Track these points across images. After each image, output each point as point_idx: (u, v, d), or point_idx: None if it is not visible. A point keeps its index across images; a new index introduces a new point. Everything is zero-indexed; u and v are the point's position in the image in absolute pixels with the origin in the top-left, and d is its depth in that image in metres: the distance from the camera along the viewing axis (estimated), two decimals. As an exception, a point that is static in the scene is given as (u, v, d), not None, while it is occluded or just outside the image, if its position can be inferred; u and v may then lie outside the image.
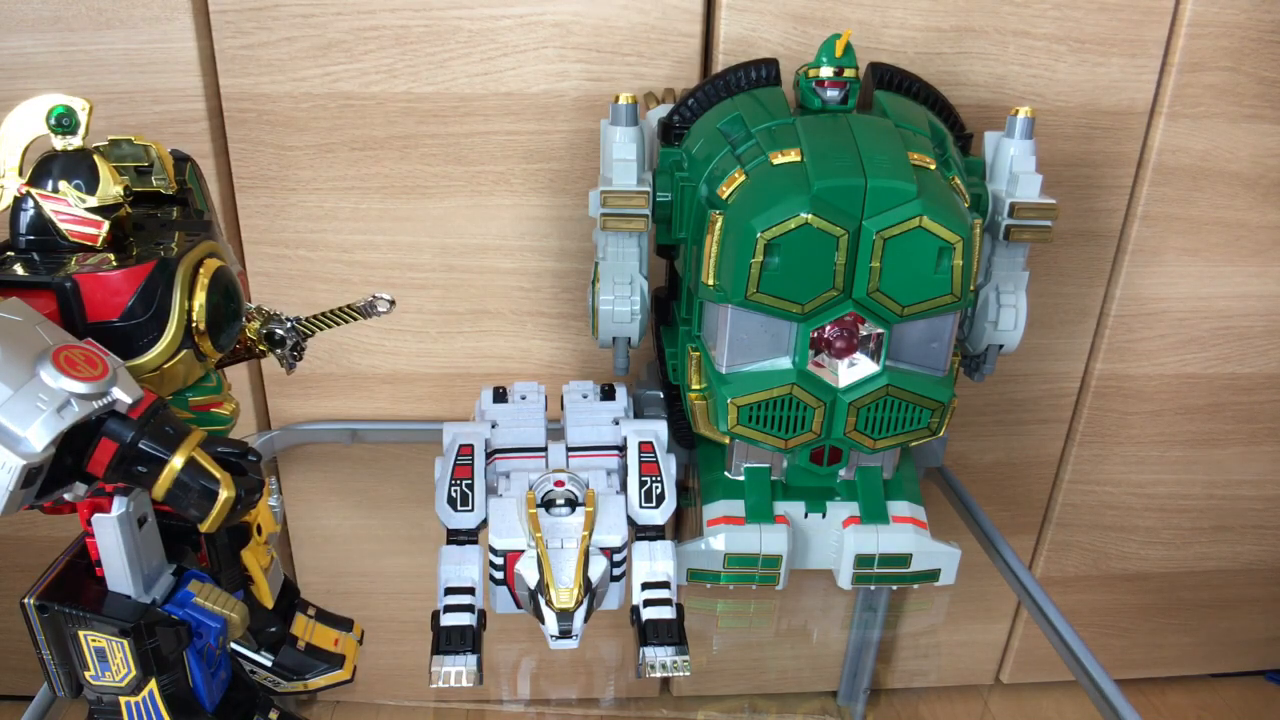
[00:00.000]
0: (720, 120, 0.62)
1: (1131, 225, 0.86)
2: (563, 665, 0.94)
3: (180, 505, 0.41)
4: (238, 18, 0.74)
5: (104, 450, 0.39)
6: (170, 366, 0.43)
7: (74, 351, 0.38)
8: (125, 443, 0.39)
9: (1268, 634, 1.12)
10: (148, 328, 0.42)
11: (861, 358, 0.58)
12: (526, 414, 0.65)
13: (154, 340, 0.42)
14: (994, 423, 0.95)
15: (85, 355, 0.38)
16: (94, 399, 0.38)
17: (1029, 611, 0.71)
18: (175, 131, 0.76)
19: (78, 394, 0.37)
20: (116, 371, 0.39)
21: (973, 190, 0.64)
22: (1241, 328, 0.92)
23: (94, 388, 0.38)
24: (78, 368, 0.37)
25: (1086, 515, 1.01)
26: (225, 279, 0.45)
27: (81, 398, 0.38)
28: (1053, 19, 0.78)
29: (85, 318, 0.41)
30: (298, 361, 0.55)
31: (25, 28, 0.73)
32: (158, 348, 0.42)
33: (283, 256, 0.83)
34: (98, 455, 0.39)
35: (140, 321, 0.41)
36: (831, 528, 0.66)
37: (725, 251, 0.57)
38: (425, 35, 0.76)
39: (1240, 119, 0.83)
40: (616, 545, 0.57)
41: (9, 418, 0.36)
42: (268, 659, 0.56)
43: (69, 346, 0.38)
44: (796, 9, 0.76)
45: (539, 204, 0.82)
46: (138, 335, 0.42)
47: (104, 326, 0.41)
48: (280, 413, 0.90)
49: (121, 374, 0.40)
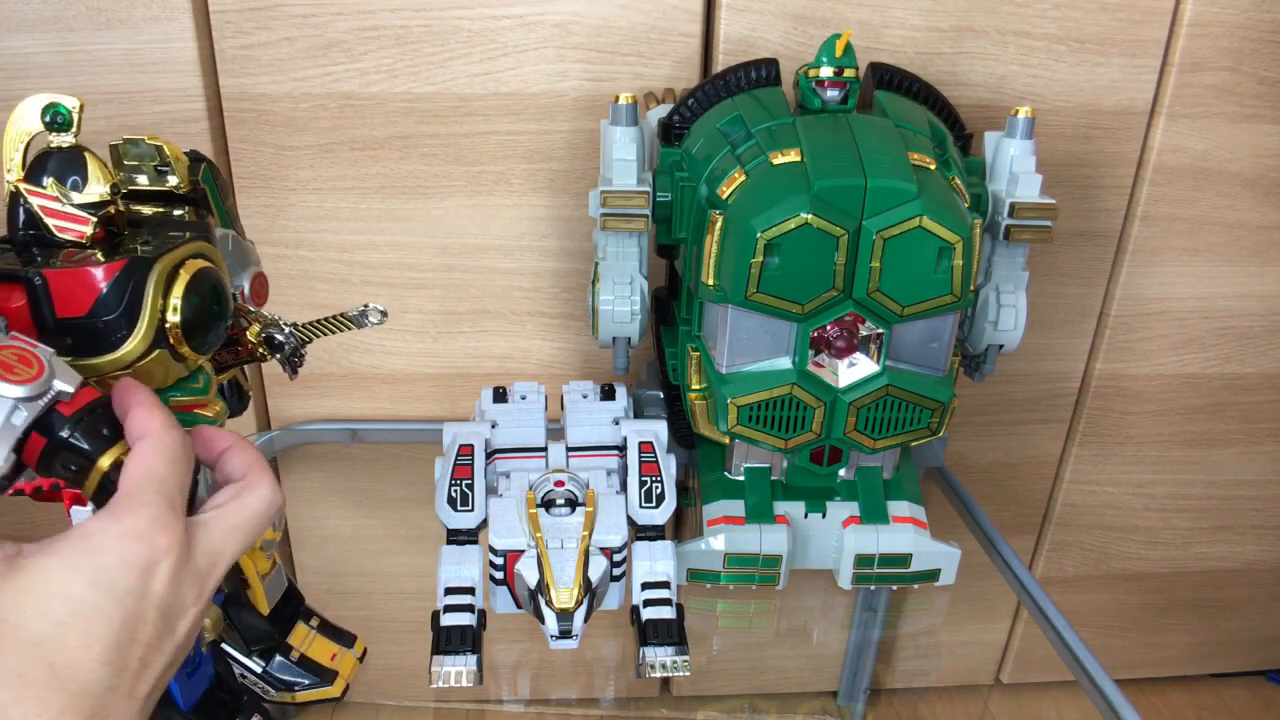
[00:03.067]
0: (720, 120, 0.62)
1: (1131, 225, 0.86)
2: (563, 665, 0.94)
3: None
4: (238, 18, 0.74)
5: (34, 443, 0.38)
6: (144, 365, 0.43)
7: (3, 353, 0.37)
8: (53, 438, 0.38)
9: (1268, 634, 1.12)
10: (117, 324, 0.41)
11: (861, 358, 0.58)
12: (526, 414, 0.65)
13: (125, 338, 0.42)
14: (994, 423, 0.95)
15: (17, 354, 0.37)
16: (39, 398, 0.37)
17: (1029, 611, 0.71)
18: (175, 131, 0.76)
19: (20, 398, 0.36)
20: (51, 363, 0.38)
21: (973, 190, 0.64)
22: (1241, 328, 0.92)
23: (35, 388, 0.36)
24: (13, 370, 0.36)
25: (1086, 515, 1.01)
26: (210, 281, 0.45)
27: (26, 400, 0.36)
28: (1053, 19, 0.78)
29: (55, 312, 0.40)
30: (299, 366, 0.55)
31: (25, 28, 0.73)
32: (128, 345, 0.42)
33: (283, 256, 0.83)
34: (29, 446, 0.38)
35: (109, 318, 0.41)
36: (831, 528, 0.66)
37: (725, 251, 0.57)
38: (425, 35, 0.76)
39: (1240, 119, 0.82)
40: (616, 545, 0.57)
41: None
42: (258, 665, 0.55)
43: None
44: (796, 9, 0.76)
45: (539, 204, 0.82)
46: (106, 332, 0.41)
47: (73, 322, 0.41)
48: (280, 413, 0.90)
49: (57, 364, 0.38)
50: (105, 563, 0.34)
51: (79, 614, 0.33)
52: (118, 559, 0.34)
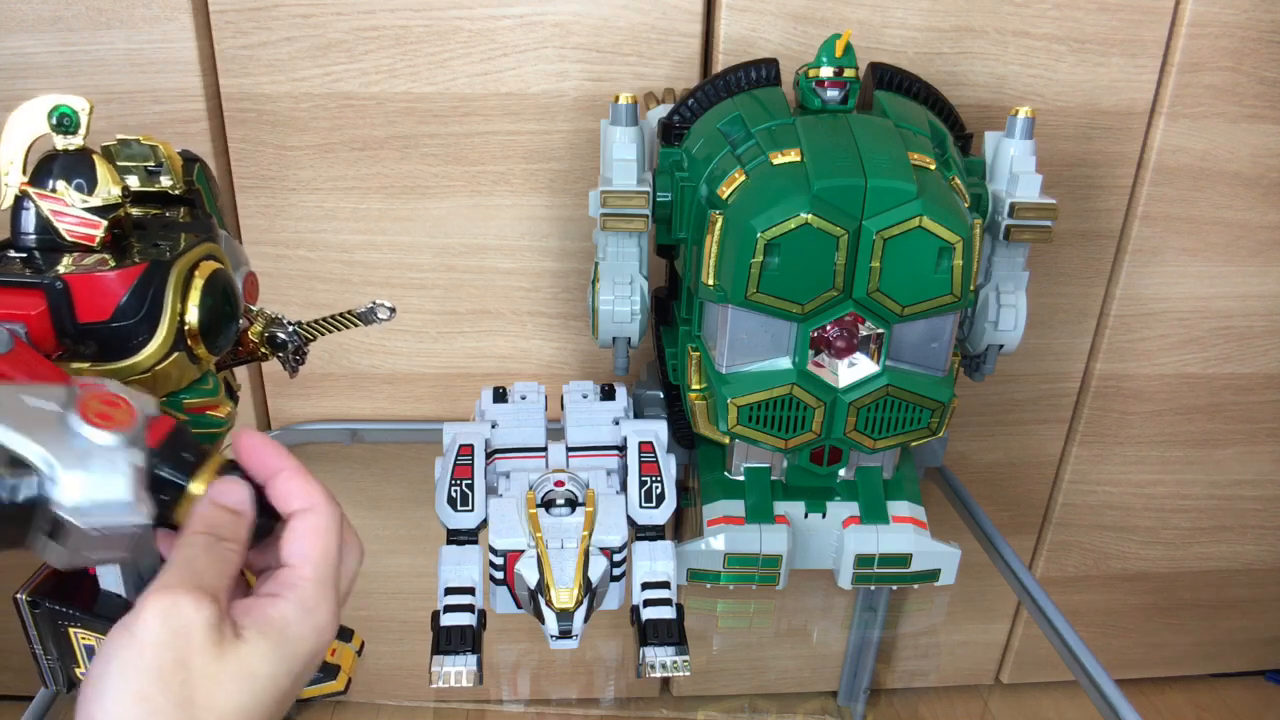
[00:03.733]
0: (720, 120, 0.62)
1: (1131, 225, 0.86)
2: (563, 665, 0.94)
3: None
4: (238, 18, 0.74)
5: None
6: (163, 368, 0.43)
7: (91, 402, 0.35)
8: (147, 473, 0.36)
9: (1268, 634, 1.12)
10: (138, 329, 0.42)
11: (861, 358, 0.58)
12: (526, 414, 0.65)
13: (145, 342, 0.42)
14: (994, 423, 0.95)
15: (102, 399, 0.35)
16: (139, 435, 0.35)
17: (1029, 611, 0.71)
18: (175, 131, 0.76)
19: (126, 443, 0.35)
20: (128, 393, 0.36)
21: (973, 190, 0.64)
22: (1241, 328, 0.92)
23: (136, 427, 0.35)
24: (111, 417, 0.35)
25: (1086, 515, 1.01)
26: (222, 282, 0.45)
27: (129, 443, 0.35)
28: (1053, 19, 0.78)
29: (75, 318, 0.40)
30: (300, 365, 0.55)
31: (25, 28, 0.73)
32: (148, 349, 0.42)
33: (283, 256, 0.83)
34: None
35: (131, 323, 0.41)
36: (831, 528, 0.66)
37: (725, 251, 0.57)
38: (425, 35, 0.76)
39: (1240, 119, 0.83)
40: (616, 545, 0.57)
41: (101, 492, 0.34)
42: None
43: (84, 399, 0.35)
44: (796, 9, 0.76)
45: (539, 204, 0.82)
46: (128, 336, 0.41)
47: (94, 327, 0.41)
48: (280, 413, 0.90)
49: (129, 392, 0.37)
50: (299, 652, 0.36)
51: (270, 695, 0.35)
52: (308, 651, 0.36)
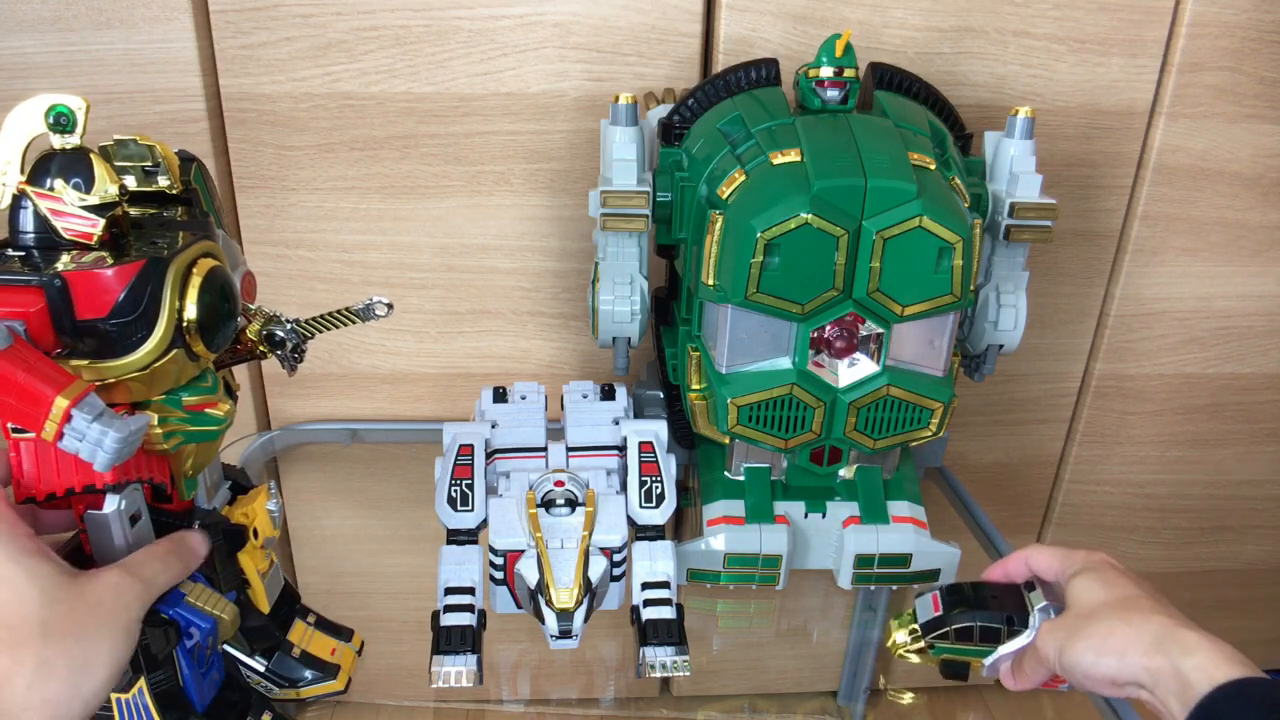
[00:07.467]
0: (720, 120, 0.62)
1: (1131, 225, 0.86)
2: (563, 665, 0.94)
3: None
4: (238, 18, 0.74)
5: None
6: (161, 365, 0.43)
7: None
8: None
9: (1268, 634, 1.12)
10: (136, 325, 0.42)
11: (861, 358, 0.58)
12: (526, 414, 0.65)
13: (143, 338, 0.42)
14: (994, 423, 0.95)
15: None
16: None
17: (1029, 611, 0.70)
18: (175, 131, 0.76)
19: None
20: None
21: (973, 190, 0.64)
22: (1241, 328, 0.92)
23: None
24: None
25: (1086, 515, 1.01)
26: (220, 279, 0.45)
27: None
28: (1053, 19, 0.78)
29: (74, 315, 0.41)
30: (298, 363, 0.55)
31: (25, 28, 0.73)
32: (147, 346, 0.42)
33: (283, 256, 0.83)
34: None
35: (129, 319, 0.41)
36: (831, 528, 0.66)
37: (725, 251, 0.57)
38: (425, 35, 0.76)
39: (1240, 119, 0.82)
40: (616, 545, 0.57)
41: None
42: (261, 664, 0.56)
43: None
44: (796, 9, 0.76)
45: (539, 204, 0.82)
46: (126, 333, 0.41)
47: (93, 324, 0.41)
48: (280, 413, 0.90)
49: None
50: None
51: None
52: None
